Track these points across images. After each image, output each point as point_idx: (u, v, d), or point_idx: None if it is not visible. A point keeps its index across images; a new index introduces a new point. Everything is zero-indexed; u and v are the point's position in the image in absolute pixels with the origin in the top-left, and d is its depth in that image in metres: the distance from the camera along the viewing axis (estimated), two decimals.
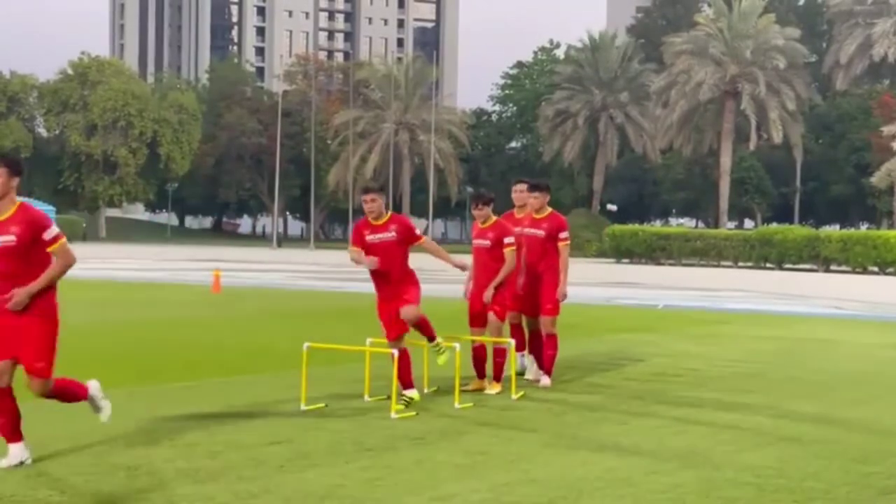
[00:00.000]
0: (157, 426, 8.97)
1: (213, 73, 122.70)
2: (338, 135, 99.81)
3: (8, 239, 7.28)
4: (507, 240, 11.22)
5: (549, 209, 11.98)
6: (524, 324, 12.19)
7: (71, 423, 8.95)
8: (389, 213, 10.60)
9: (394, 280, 10.41)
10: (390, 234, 10.36)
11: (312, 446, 8.33)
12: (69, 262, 7.48)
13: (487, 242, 11.34)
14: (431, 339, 10.62)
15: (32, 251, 7.35)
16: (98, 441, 8.22)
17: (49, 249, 7.40)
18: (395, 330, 10.46)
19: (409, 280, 10.52)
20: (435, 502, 6.74)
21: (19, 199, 7.50)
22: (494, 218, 11.45)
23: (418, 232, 10.59)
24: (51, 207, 50.62)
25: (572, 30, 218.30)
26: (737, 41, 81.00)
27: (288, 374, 11.58)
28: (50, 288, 7.44)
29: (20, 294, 7.25)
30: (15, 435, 7.44)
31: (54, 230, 7.47)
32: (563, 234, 11.89)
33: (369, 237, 10.39)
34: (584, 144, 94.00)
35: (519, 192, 12.24)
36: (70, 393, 7.83)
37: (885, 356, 16.33)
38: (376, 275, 10.43)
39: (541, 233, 11.79)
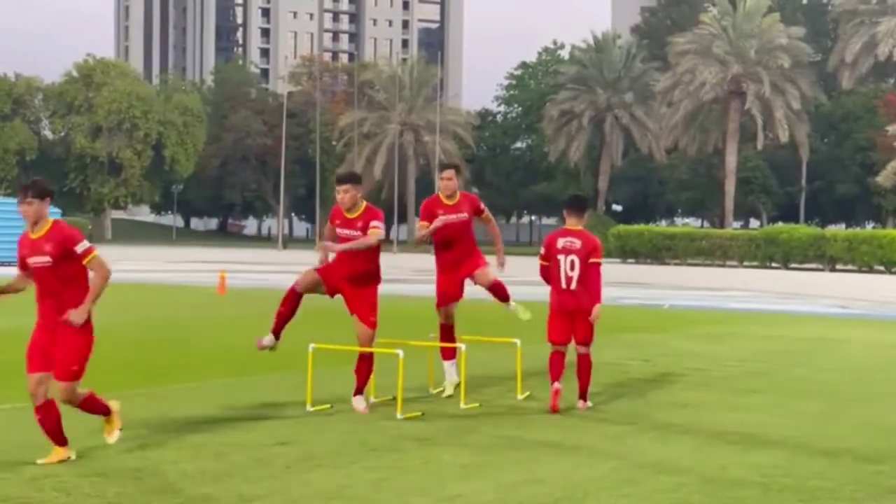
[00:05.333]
0: (163, 427, 8.98)
1: (217, 75, 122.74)
2: (343, 136, 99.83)
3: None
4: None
5: (365, 203, 10.24)
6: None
7: (76, 425, 8.97)
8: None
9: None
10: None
11: (318, 447, 8.34)
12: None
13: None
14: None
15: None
16: (103, 443, 8.23)
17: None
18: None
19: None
20: (441, 502, 6.75)
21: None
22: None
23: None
24: (56, 210, 50.61)
25: (577, 30, 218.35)
26: (741, 41, 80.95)
27: (294, 374, 11.59)
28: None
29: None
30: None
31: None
32: (373, 223, 10.15)
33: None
34: (589, 144, 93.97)
35: (446, 179, 11.22)
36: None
37: (892, 355, 16.31)
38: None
39: (357, 233, 10.12)
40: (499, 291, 11.41)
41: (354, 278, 10.25)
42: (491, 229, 11.94)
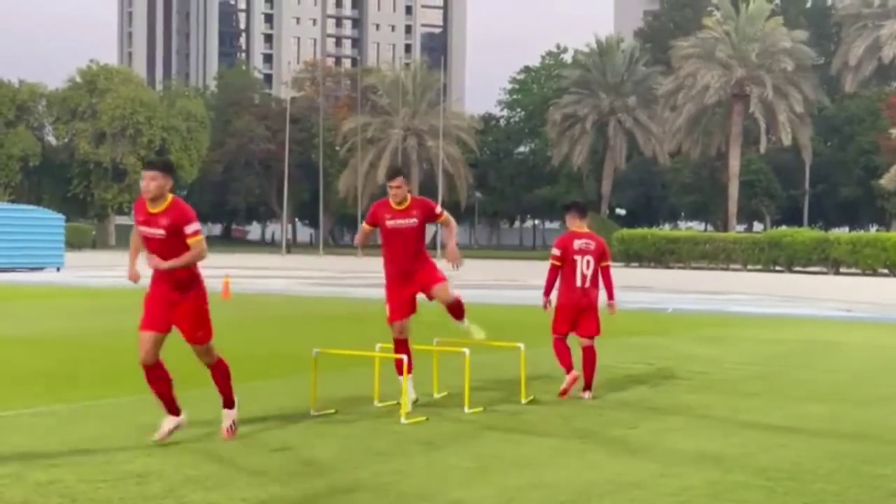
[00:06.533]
0: None
1: (221, 80, 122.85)
2: (346, 141, 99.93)
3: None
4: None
5: (171, 196, 8.82)
6: None
7: (81, 430, 8.98)
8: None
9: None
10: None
11: (322, 452, 8.34)
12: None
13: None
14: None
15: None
16: (108, 448, 8.23)
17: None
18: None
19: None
20: None
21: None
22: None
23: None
24: (60, 216, 50.66)
25: (580, 34, 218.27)
26: (744, 44, 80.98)
27: (297, 379, 11.59)
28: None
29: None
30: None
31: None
32: (189, 229, 8.79)
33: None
34: (593, 148, 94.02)
35: (395, 187, 10.68)
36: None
37: (895, 358, 16.30)
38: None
39: (160, 232, 8.75)
40: (456, 310, 10.83)
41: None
42: (447, 231, 10.88)
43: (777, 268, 60.43)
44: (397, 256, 10.63)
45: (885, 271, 56.08)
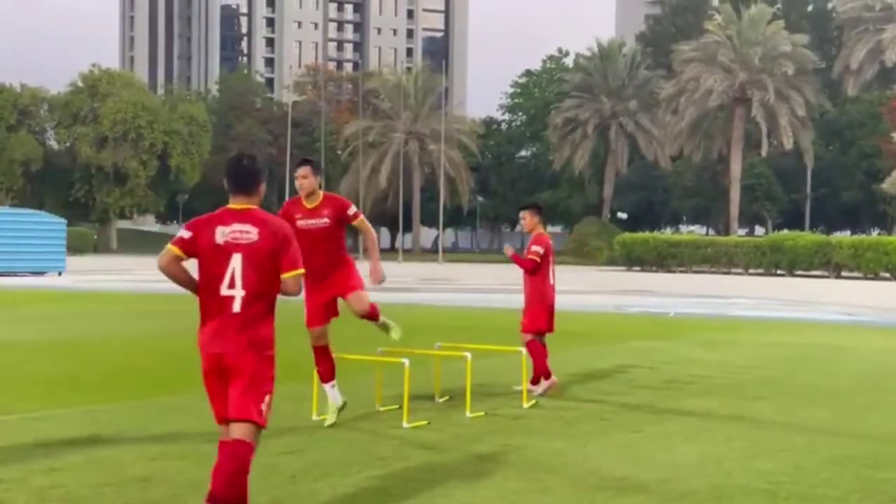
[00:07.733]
0: (169, 437, 8.99)
1: (222, 85, 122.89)
2: (348, 145, 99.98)
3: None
4: None
5: None
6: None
7: (82, 435, 8.98)
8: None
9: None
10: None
11: (324, 456, 8.34)
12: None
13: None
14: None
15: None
16: (110, 453, 8.23)
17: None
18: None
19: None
20: None
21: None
22: None
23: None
24: (62, 220, 50.68)
25: (581, 38, 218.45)
26: (746, 48, 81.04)
27: (299, 384, 11.57)
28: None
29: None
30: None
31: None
32: None
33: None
34: (594, 152, 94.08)
35: (301, 177, 10.01)
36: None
37: None
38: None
39: None
40: (372, 317, 10.13)
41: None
42: (365, 238, 10.42)
43: (779, 271, 60.40)
44: (310, 259, 9.52)
45: (887, 275, 56.06)
